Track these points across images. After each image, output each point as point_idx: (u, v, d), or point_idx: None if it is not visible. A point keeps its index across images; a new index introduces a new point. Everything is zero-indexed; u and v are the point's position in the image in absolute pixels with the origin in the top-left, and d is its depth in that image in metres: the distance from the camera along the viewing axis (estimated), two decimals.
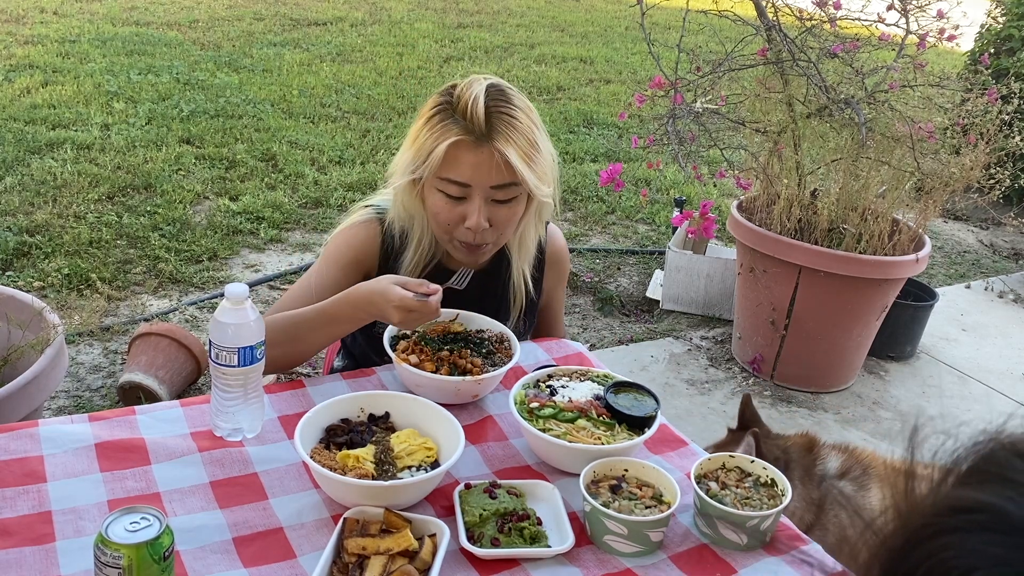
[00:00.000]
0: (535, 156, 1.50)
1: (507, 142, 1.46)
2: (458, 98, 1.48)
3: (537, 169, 1.50)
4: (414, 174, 1.51)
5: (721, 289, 3.78)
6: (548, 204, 1.60)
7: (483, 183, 1.49)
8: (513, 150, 1.46)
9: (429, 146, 1.48)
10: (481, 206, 1.50)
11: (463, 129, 1.46)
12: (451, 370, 1.50)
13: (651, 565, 1.20)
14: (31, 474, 1.26)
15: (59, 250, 3.73)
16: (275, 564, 1.15)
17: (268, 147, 5.16)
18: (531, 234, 1.65)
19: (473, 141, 1.46)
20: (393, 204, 1.61)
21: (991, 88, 3.16)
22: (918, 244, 3.18)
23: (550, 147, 1.57)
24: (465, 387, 1.49)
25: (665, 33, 7.34)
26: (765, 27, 3.16)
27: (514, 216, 1.56)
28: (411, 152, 1.52)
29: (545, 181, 1.54)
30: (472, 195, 1.50)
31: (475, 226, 1.50)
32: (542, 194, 1.54)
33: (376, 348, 1.70)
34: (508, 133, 1.47)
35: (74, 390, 2.94)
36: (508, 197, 1.52)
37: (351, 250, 1.65)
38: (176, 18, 8.39)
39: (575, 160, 5.58)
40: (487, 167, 1.47)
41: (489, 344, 1.59)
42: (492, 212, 1.52)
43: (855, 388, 3.41)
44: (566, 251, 1.85)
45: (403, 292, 1.43)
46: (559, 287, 1.88)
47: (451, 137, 1.46)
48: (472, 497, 1.25)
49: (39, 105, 5.47)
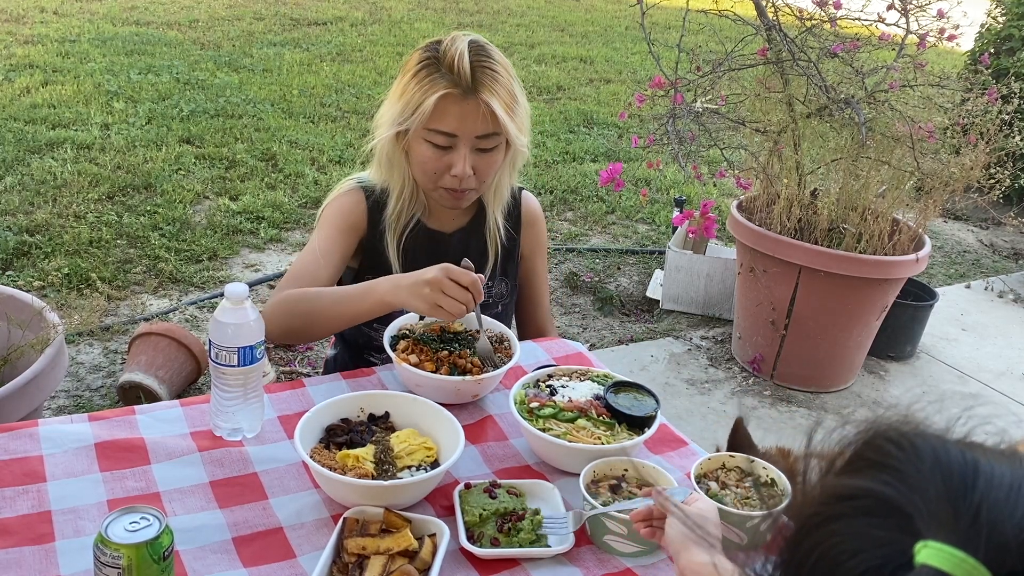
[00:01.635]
0: (515, 107, 1.60)
1: (492, 94, 1.55)
2: (444, 53, 1.56)
3: (517, 120, 1.60)
4: (401, 126, 1.59)
5: (721, 289, 3.78)
6: (523, 152, 1.69)
7: (469, 133, 1.57)
8: (497, 101, 1.55)
9: (418, 99, 1.55)
10: (466, 155, 1.59)
11: (450, 82, 1.54)
12: (451, 370, 1.51)
13: (651, 565, 1.20)
14: (31, 474, 1.26)
15: (59, 250, 3.73)
16: (275, 564, 1.15)
17: (268, 147, 5.16)
18: (505, 181, 1.74)
19: (460, 94, 1.54)
20: (375, 157, 1.69)
21: (991, 88, 3.16)
22: (918, 244, 3.18)
23: (525, 99, 1.66)
24: (465, 387, 1.49)
25: (665, 33, 7.34)
26: (765, 27, 3.16)
27: (495, 164, 1.65)
28: (399, 105, 1.59)
29: (523, 131, 1.64)
30: (458, 145, 1.58)
31: (461, 174, 1.59)
32: (521, 144, 1.64)
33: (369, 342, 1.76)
34: (492, 86, 1.55)
35: (74, 390, 2.93)
36: (491, 146, 1.61)
37: (344, 215, 1.73)
38: (176, 18, 8.39)
39: (575, 160, 5.58)
40: (473, 118, 1.55)
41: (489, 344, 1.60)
42: (476, 160, 1.60)
43: (855, 388, 3.41)
44: (542, 215, 1.92)
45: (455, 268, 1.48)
46: (538, 256, 1.92)
47: (440, 90, 1.54)
48: (472, 497, 1.25)
49: (39, 105, 5.47)
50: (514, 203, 1.83)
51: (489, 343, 1.58)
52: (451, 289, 1.45)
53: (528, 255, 1.89)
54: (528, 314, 1.96)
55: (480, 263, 1.78)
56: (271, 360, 3.17)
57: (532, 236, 1.88)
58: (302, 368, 3.17)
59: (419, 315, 1.64)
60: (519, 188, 1.85)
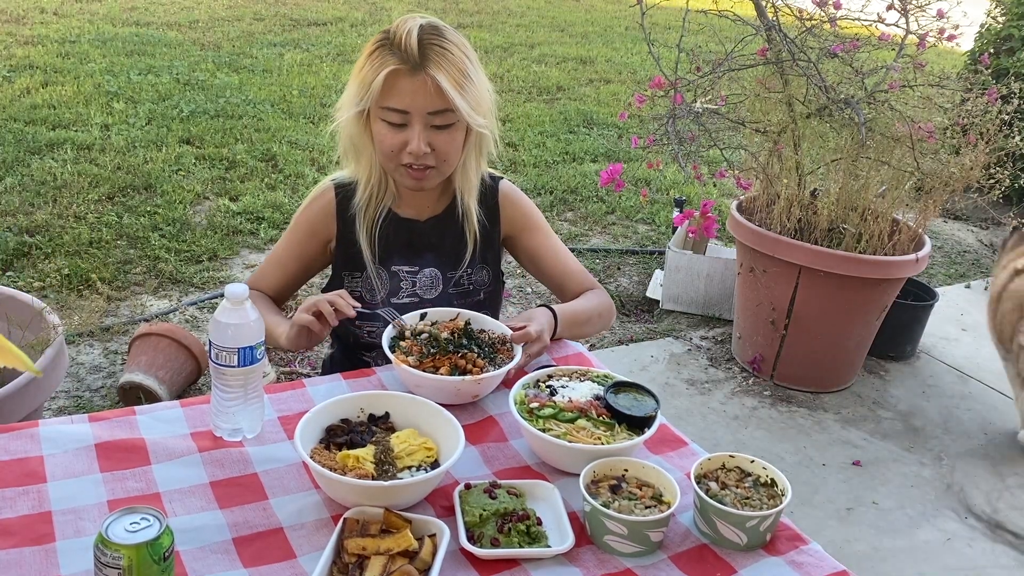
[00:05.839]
0: (466, 84, 1.61)
1: (439, 69, 1.57)
2: (395, 32, 1.60)
3: (469, 97, 1.61)
4: (358, 107, 1.63)
5: (721, 289, 3.78)
6: (487, 136, 1.71)
7: (420, 109, 1.59)
8: (444, 76, 1.57)
9: (369, 78, 1.60)
10: (421, 131, 1.61)
11: (399, 59, 1.58)
12: (451, 370, 1.51)
13: (651, 565, 1.20)
14: (31, 474, 1.27)
15: (59, 250, 3.73)
16: (275, 564, 1.15)
17: (268, 147, 5.16)
18: (472, 165, 1.75)
19: (409, 70, 1.58)
20: (341, 146, 1.74)
21: (991, 88, 3.16)
22: (918, 244, 3.18)
23: (486, 83, 1.68)
24: (465, 387, 1.49)
25: (665, 33, 7.34)
26: (765, 27, 3.16)
27: (453, 143, 1.66)
28: (355, 86, 1.64)
29: (479, 111, 1.65)
30: (412, 121, 1.61)
31: (416, 150, 1.61)
32: (477, 123, 1.64)
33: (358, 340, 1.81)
34: (440, 61, 1.58)
35: (74, 390, 2.94)
36: (445, 123, 1.62)
37: (309, 222, 1.82)
38: (176, 18, 8.40)
39: (575, 160, 5.58)
40: (423, 93, 1.58)
41: (491, 344, 1.60)
42: (432, 138, 1.62)
43: (855, 388, 3.41)
44: (520, 196, 1.88)
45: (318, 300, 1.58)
46: (531, 232, 1.87)
47: (388, 67, 1.58)
48: (472, 497, 1.25)
49: (39, 105, 5.47)
50: (490, 192, 1.83)
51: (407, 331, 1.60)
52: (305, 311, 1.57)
53: (516, 235, 1.87)
54: (562, 287, 1.89)
55: (458, 250, 1.80)
56: (271, 360, 3.17)
57: (512, 217, 1.86)
58: (302, 368, 3.17)
59: (420, 315, 1.65)
60: (498, 177, 1.86)
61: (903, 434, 3.14)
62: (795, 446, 3.01)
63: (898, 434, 3.13)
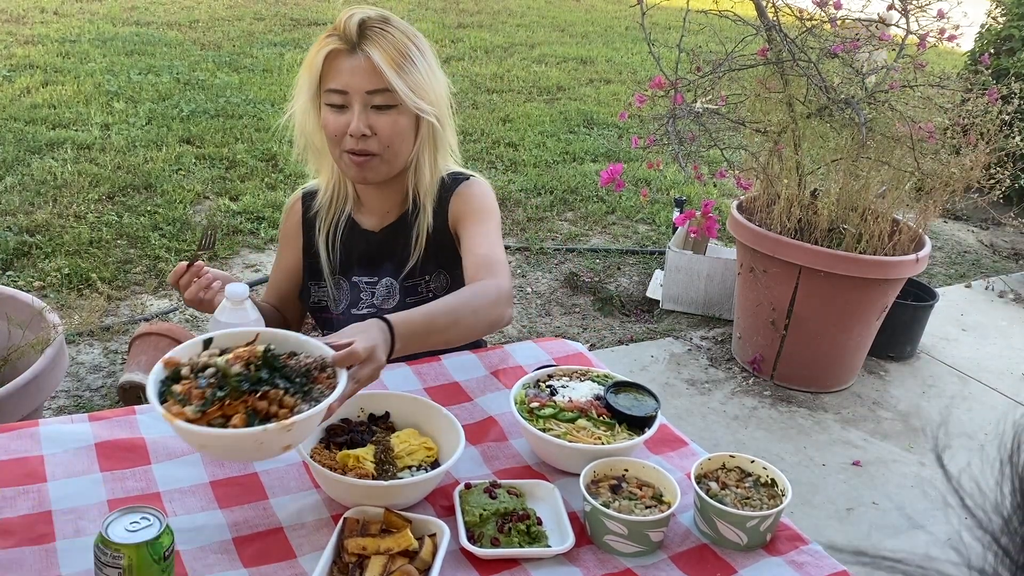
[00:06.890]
0: (406, 66, 1.59)
1: (375, 47, 1.57)
2: (339, 20, 1.61)
3: (409, 79, 1.58)
4: (306, 94, 1.64)
5: (721, 289, 3.78)
6: (439, 130, 1.67)
7: (358, 88, 1.58)
8: (380, 55, 1.56)
9: (311, 61, 1.62)
10: (360, 112, 1.59)
11: (337, 40, 1.59)
12: (248, 417, 1.09)
13: (651, 565, 1.20)
14: (31, 474, 1.27)
15: (59, 250, 3.73)
16: (275, 564, 1.15)
17: (268, 147, 5.16)
18: (425, 161, 1.69)
19: (347, 50, 1.58)
20: (296, 147, 1.73)
21: (991, 88, 3.16)
22: (918, 244, 3.18)
23: (440, 75, 1.66)
24: (270, 437, 1.09)
25: (665, 33, 7.34)
26: (765, 27, 3.16)
27: (395, 126, 1.61)
28: (302, 75, 1.65)
29: (423, 96, 1.61)
30: (351, 102, 1.59)
31: (354, 131, 1.59)
32: (415, 105, 1.60)
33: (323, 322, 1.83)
34: (378, 41, 1.58)
35: (74, 390, 2.94)
36: (385, 103, 1.59)
37: (282, 235, 1.87)
38: (176, 18, 8.39)
39: (575, 160, 5.58)
40: (360, 73, 1.57)
41: (303, 373, 1.16)
42: (373, 120, 1.60)
43: (855, 388, 3.41)
44: (474, 189, 1.74)
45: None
46: (465, 219, 1.70)
47: (328, 47, 1.59)
48: (472, 497, 1.25)
49: (39, 105, 5.47)
50: (447, 192, 1.72)
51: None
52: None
53: (455, 228, 1.72)
54: (465, 275, 1.64)
55: (406, 256, 1.73)
56: None
57: (456, 211, 1.71)
58: None
59: (203, 342, 1.22)
60: (462, 178, 1.74)
61: (903, 434, 3.14)
62: (795, 446, 3.01)
63: (898, 434, 3.13)
